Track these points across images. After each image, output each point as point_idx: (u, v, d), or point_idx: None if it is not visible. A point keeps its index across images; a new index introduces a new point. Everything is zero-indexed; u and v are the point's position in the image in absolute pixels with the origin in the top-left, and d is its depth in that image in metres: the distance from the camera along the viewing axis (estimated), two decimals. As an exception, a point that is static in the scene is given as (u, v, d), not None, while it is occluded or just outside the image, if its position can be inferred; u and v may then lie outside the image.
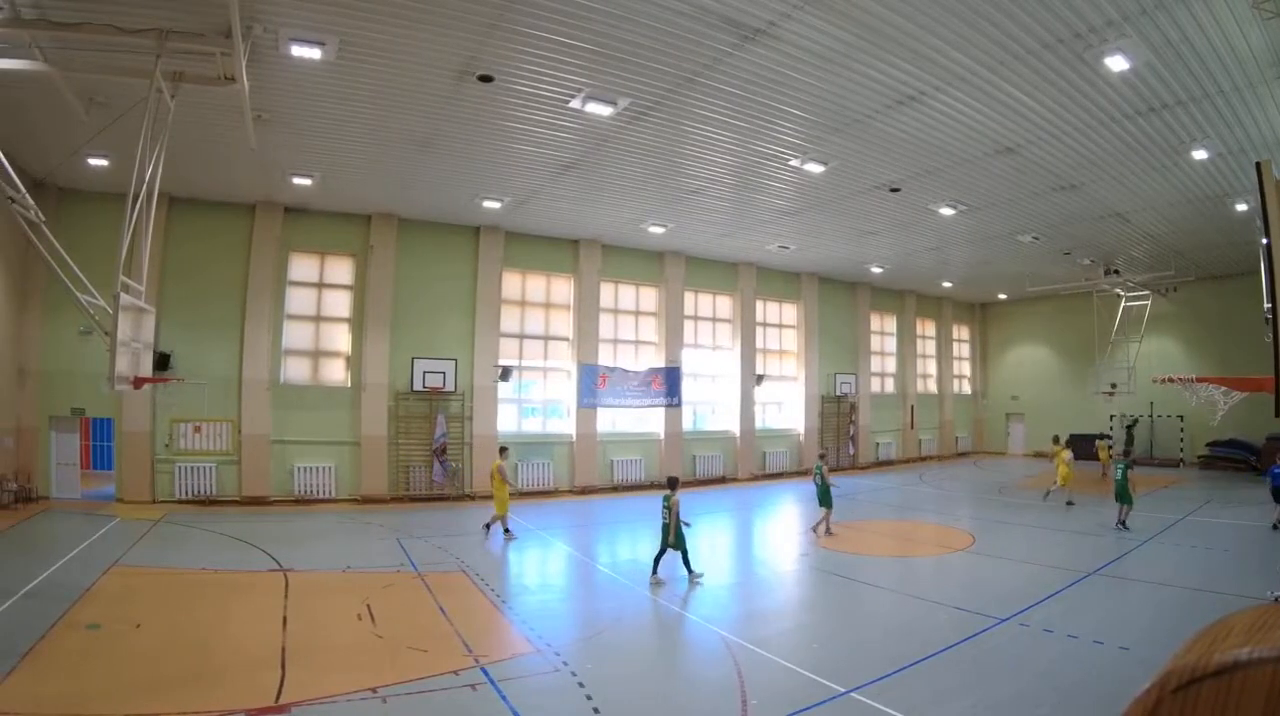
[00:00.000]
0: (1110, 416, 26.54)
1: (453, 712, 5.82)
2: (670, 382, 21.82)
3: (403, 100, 11.11)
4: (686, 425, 22.61)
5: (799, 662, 6.91)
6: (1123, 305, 23.95)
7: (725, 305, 24.37)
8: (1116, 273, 22.46)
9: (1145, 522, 13.96)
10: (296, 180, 14.98)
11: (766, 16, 8.70)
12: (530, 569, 11.58)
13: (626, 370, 21.23)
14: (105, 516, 13.78)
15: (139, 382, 8.72)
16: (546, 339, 20.56)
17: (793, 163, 13.85)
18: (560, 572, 11.51)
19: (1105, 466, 22.23)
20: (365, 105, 11.29)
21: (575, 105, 11.21)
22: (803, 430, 25.55)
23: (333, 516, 15.29)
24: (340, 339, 17.99)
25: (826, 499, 13.42)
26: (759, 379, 24.33)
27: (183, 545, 11.80)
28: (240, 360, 16.46)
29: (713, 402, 23.88)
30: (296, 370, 17.59)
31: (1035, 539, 13.50)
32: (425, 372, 17.95)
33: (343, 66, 9.92)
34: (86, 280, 8.26)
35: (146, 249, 9.07)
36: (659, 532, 10.44)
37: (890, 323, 30.26)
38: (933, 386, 32.00)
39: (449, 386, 18.15)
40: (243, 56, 8.48)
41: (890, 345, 30.26)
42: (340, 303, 18.01)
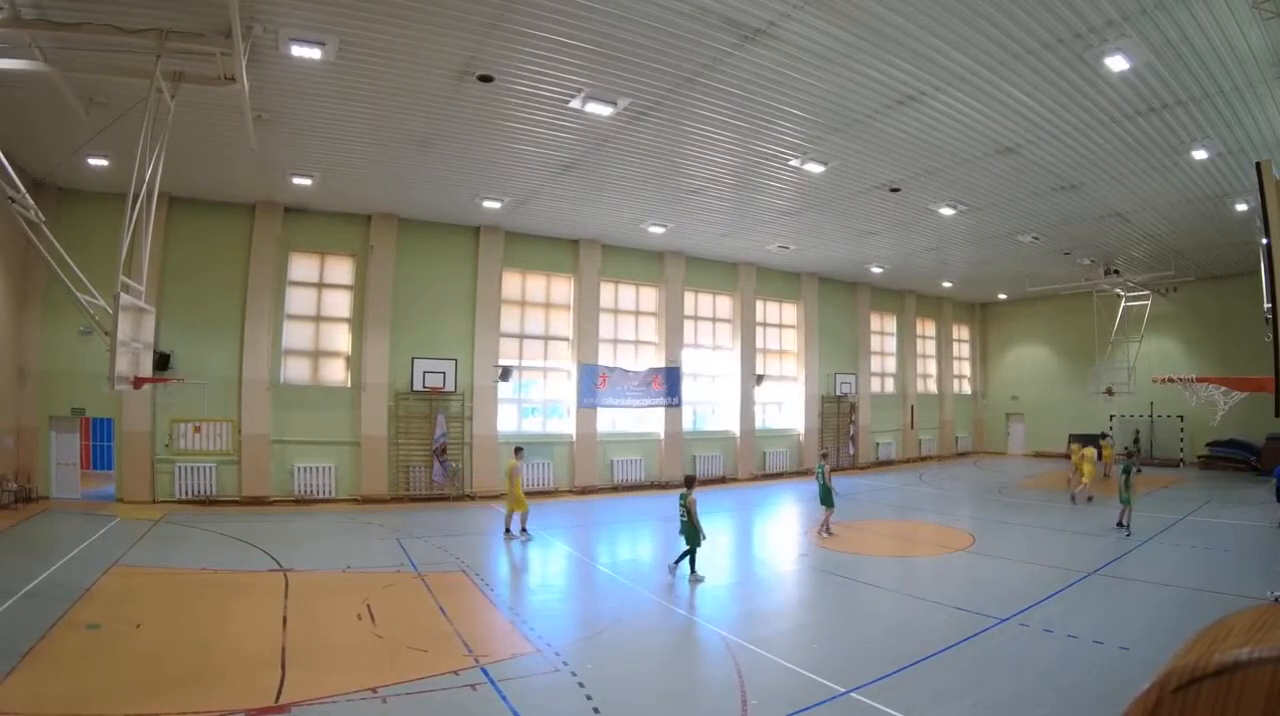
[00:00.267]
0: (1110, 416, 26.55)
1: (453, 712, 5.82)
2: (670, 383, 21.82)
3: (403, 100, 11.11)
4: (686, 425, 22.61)
5: (799, 662, 6.91)
6: (1123, 305, 23.95)
7: (725, 305, 24.37)
8: (1116, 273, 22.46)
9: (1145, 522, 13.95)
10: (296, 180, 14.99)
11: (766, 16, 8.70)
12: (530, 569, 11.57)
13: (626, 370, 21.23)
14: (105, 516, 13.78)
15: (139, 382, 8.73)
16: (546, 339, 20.56)
17: (793, 163, 13.85)
18: (560, 572, 11.51)
19: (1107, 464, 22.26)
20: (365, 105, 11.30)
21: (575, 105, 11.21)
22: (803, 430, 25.55)
23: (333, 516, 15.29)
24: (340, 339, 17.99)
25: (828, 499, 13.43)
26: (759, 379, 24.33)
27: (183, 545, 11.81)
28: (240, 360, 16.46)
29: (713, 402, 23.88)
30: (296, 370, 17.59)
31: (1035, 539, 13.50)
32: (425, 372, 17.95)
33: (343, 66, 9.92)
34: (86, 280, 8.27)
35: (146, 249, 9.08)
36: (678, 533, 10.53)
37: (890, 323, 30.26)
38: (933, 386, 31.99)
39: (449, 386, 18.15)
40: (243, 56, 8.48)
41: (890, 345, 30.26)
42: (340, 303, 18.02)
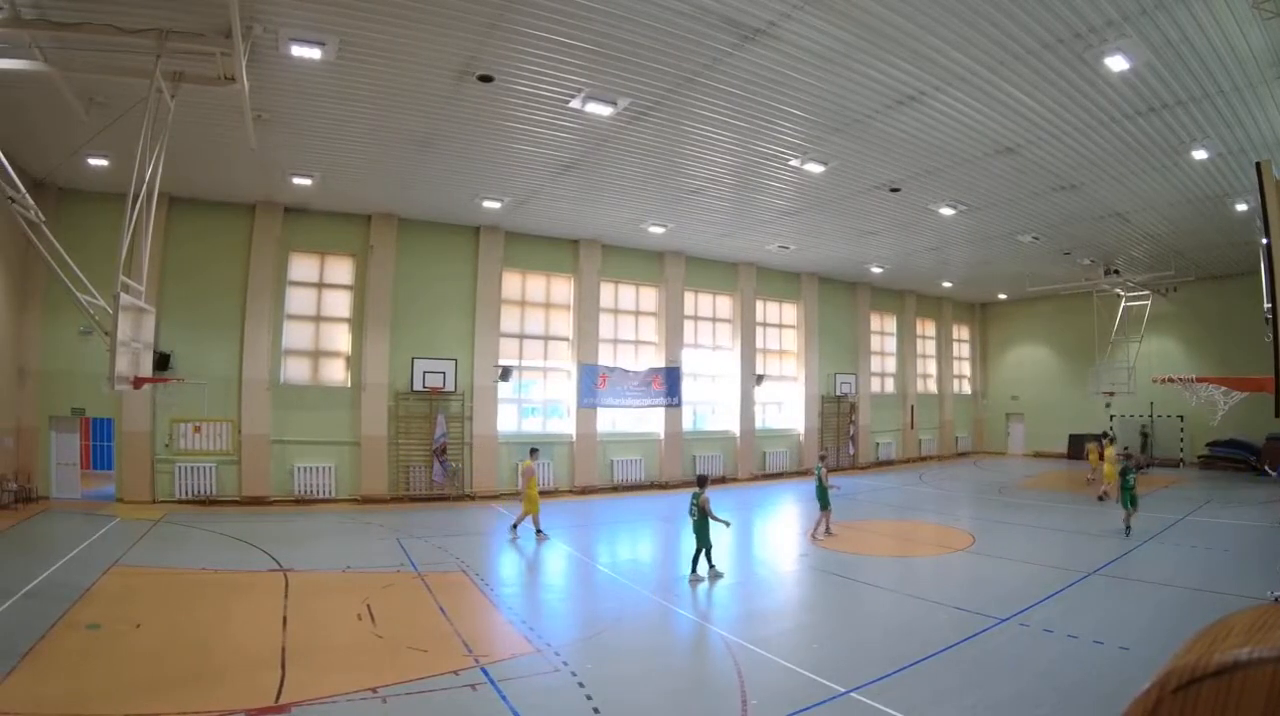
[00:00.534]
0: (1110, 416, 26.56)
1: (453, 712, 5.82)
2: (670, 382, 21.82)
3: (403, 100, 11.11)
4: (686, 425, 22.61)
5: (799, 662, 6.91)
6: (1123, 305, 23.94)
7: (725, 305, 24.36)
8: (1116, 273, 22.45)
9: (1145, 523, 13.93)
10: (296, 180, 14.98)
11: (766, 16, 8.70)
12: (530, 569, 11.57)
13: (626, 370, 21.22)
14: (105, 516, 13.78)
15: (139, 382, 8.73)
16: (546, 339, 20.56)
17: (793, 163, 13.85)
18: (560, 572, 11.49)
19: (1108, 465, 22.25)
20: (365, 105, 11.30)
21: (575, 105, 11.21)
22: (803, 430, 25.54)
23: (333, 516, 15.29)
24: (340, 339, 17.99)
25: (825, 500, 13.42)
26: (759, 379, 24.33)
27: (183, 545, 11.81)
28: (240, 360, 16.46)
29: (713, 402, 23.87)
30: (296, 370, 17.58)
31: (1035, 539, 13.50)
32: (425, 372, 17.95)
33: (343, 66, 9.92)
34: (86, 280, 8.27)
35: (146, 249, 9.08)
36: (691, 532, 10.51)
37: (890, 323, 30.25)
38: (933, 386, 31.98)
39: (449, 386, 18.15)
40: (243, 56, 8.48)
41: (890, 345, 30.25)
42: (340, 303, 18.01)
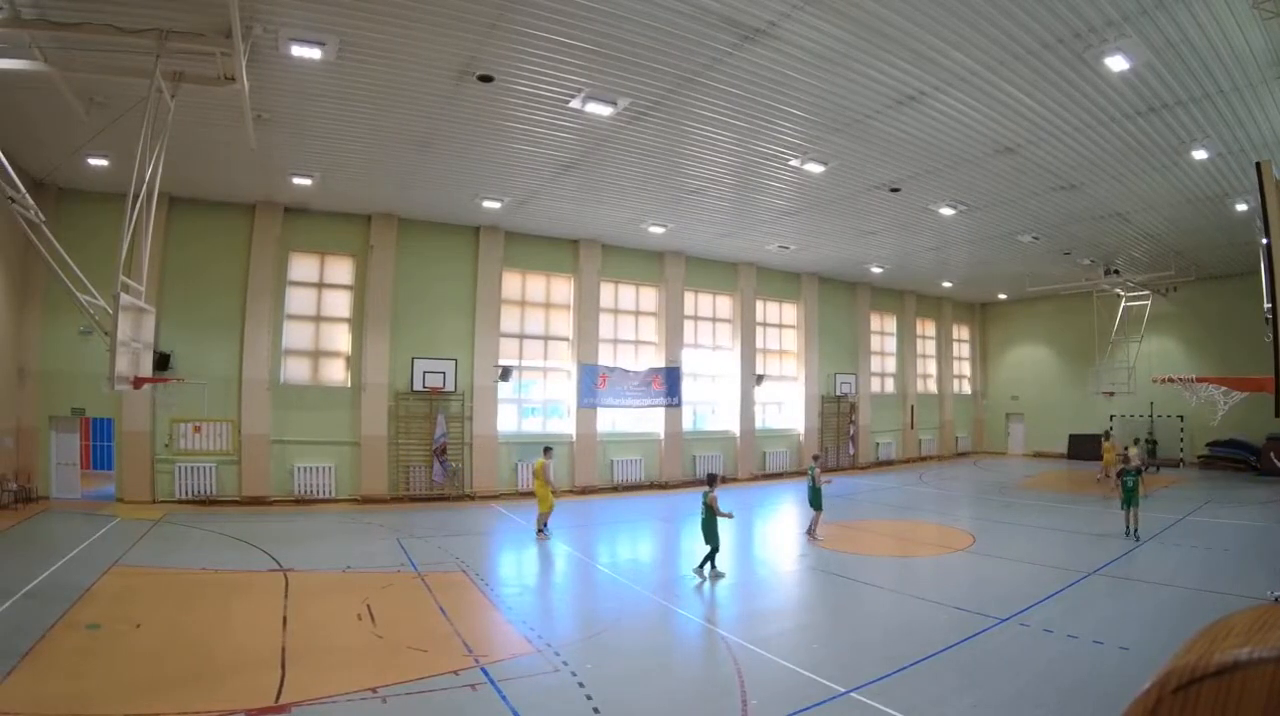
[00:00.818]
0: (1110, 416, 26.56)
1: (453, 712, 5.82)
2: (670, 382, 21.82)
3: (403, 100, 11.11)
4: (686, 425, 22.61)
5: (799, 662, 6.91)
6: (1123, 305, 23.95)
7: (725, 305, 24.36)
8: (1116, 273, 22.45)
9: (1145, 523, 13.92)
10: (296, 180, 14.98)
11: (766, 16, 8.70)
12: (530, 568, 11.58)
13: (626, 370, 21.22)
14: (105, 516, 13.77)
15: (139, 382, 8.73)
16: (546, 339, 20.55)
17: (793, 163, 13.85)
18: (560, 572, 11.49)
19: (1107, 467, 22.24)
20: (365, 105, 11.30)
21: (575, 105, 11.21)
22: (803, 430, 25.53)
23: (333, 516, 15.29)
24: (340, 339, 17.99)
25: (818, 501, 13.38)
26: (759, 379, 24.32)
27: (183, 545, 11.80)
28: (240, 360, 16.45)
29: (713, 402, 23.86)
30: (296, 370, 17.58)
31: (1035, 539, 13.50)
32: (425, 373, 17.95)
33: (343, 66, 9.92)
34: (86, 280, 8.26)
35: (146, 249, 9.08)
36: (698, 532, 10.53)
37: (890, 323, 30.25)
38: (933, 386, 31.99)
39: (449, 386, 18.15)
40: (243, 56, 8.48)
41: (890, 345, 30.25)
42: (340, 303, 18.01)
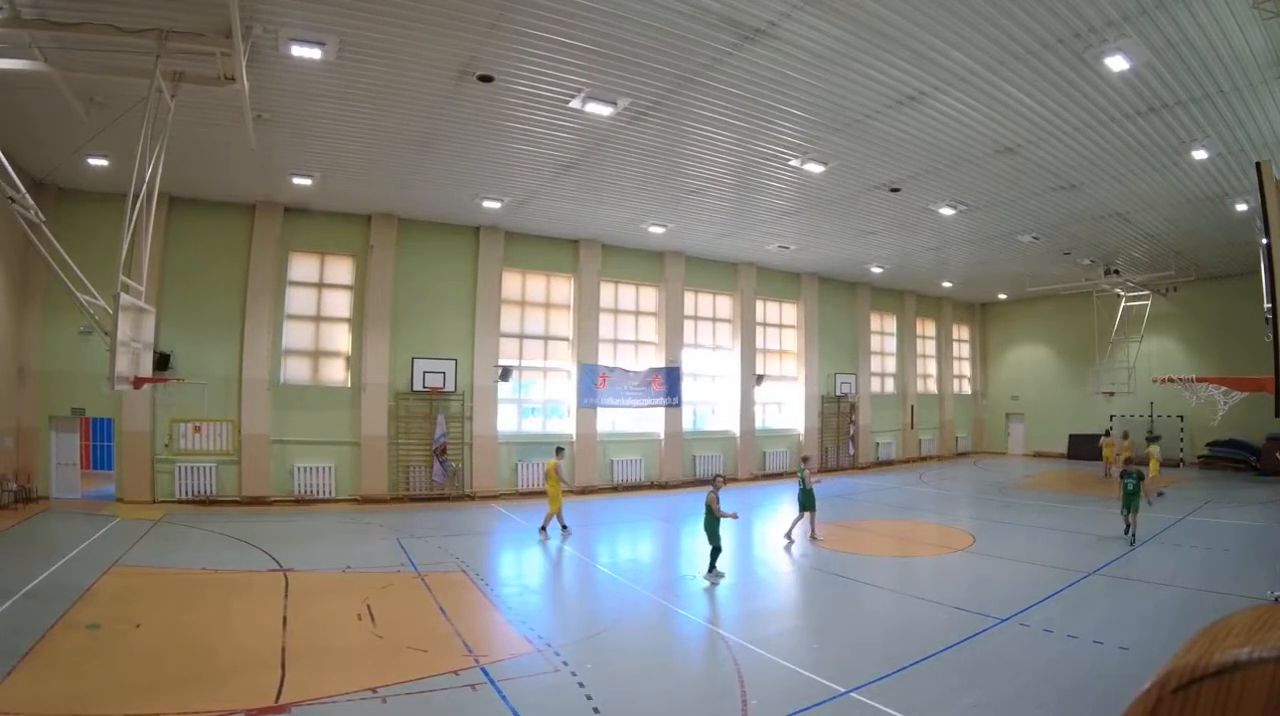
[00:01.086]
0: (1110, 416, 26.57)
1: (453, 712, 5.82)
2: (670, 382, 21.81)
3: (402, 100, 11.11)
4: (686, 425, 22.60)
5: (799, 662, 6.91)
6: (1123, 305, 23.94)
7: (725, 305, 24.36)
8: (1116, 273, 22.45)
9: (1145, 523, 13.92)
10: (296, 180, 14.98)
11: (766, 16, 8.70)
12: (530, 568, 11.58)
13: (626, 370, 21.22)
14: (105, 516, 13.77)
15: (139, 382, 8.73)
16: (546, 339, 20.55)
17: (793, 163, 13.85)
18: (561, 572, 11.50)
19: (1108, 465, 22.29)
20: (365, 105, 11.30)
21: (575, 105, 11.21)
22: (803, 430, 25.53)
23: (333, 516, 15.29)
24: (340, 339, 17.99)
25: (810, 502, 13.37)
26: (759, 379, 24.32)
27: (183, 545, 11.80)
28: (240, 360, 16.45)
29: (713, 402, 23.86)
30: (296, 370, 17.58)
31: (1035, 539, 13.49)
32: (425, 373, 17.95)
33: (343, 66, 9.92)
34: (86, 280, 8.27)
35: (146, 249, 9.08)
36: (700, 532, 10.58)
37: (890, 323, 30.24)
38: (933, 386, 31.98)
39: (449, 386, 18.15)
40: (243, 56, 8.48)
41: (890, 345, 30.24)
42: (340, 303, 18.01)
